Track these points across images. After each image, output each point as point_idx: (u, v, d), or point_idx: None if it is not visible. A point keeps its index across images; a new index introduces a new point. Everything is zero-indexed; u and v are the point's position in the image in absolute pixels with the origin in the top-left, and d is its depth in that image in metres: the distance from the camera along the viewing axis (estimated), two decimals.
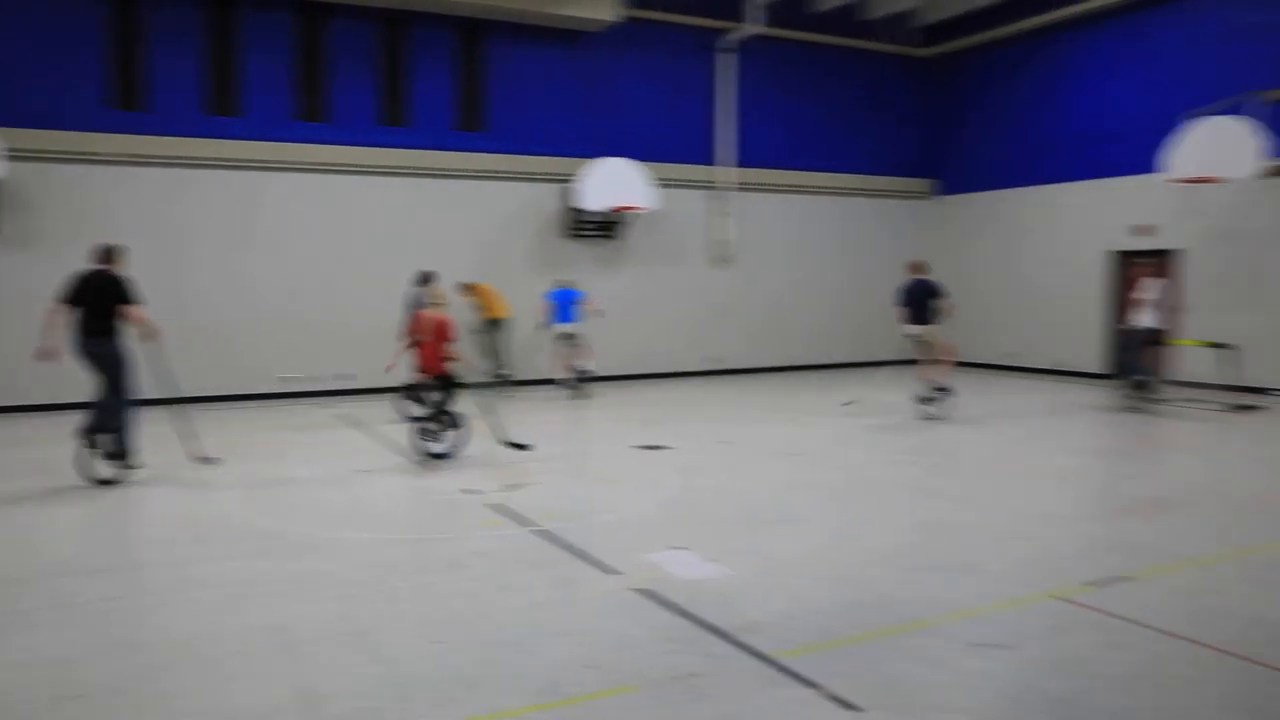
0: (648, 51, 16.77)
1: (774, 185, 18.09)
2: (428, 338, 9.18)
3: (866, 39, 18.80)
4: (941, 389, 12.01)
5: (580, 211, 15.86)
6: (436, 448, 9.22)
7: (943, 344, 12.14)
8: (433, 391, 9.33)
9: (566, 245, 16.20)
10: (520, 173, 15.79)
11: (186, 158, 13.57)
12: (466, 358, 9.75)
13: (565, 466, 9.23)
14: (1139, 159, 15.64)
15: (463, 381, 9.40)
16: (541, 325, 14.84)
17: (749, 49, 17.50)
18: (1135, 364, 12.92)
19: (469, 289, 14.58)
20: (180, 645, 4.69)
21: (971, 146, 19.14)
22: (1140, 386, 12.98)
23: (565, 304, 14.65)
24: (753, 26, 16.72)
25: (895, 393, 14.43)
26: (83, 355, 8.15)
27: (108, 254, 8.42)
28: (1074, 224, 17.15)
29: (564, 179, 15.96)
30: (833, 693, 4.10)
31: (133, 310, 8.21)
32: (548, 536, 6.65)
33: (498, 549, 6.36)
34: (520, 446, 9.50)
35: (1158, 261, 12.78)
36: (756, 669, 4.37)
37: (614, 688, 4.17)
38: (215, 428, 10.93)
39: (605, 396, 14.25)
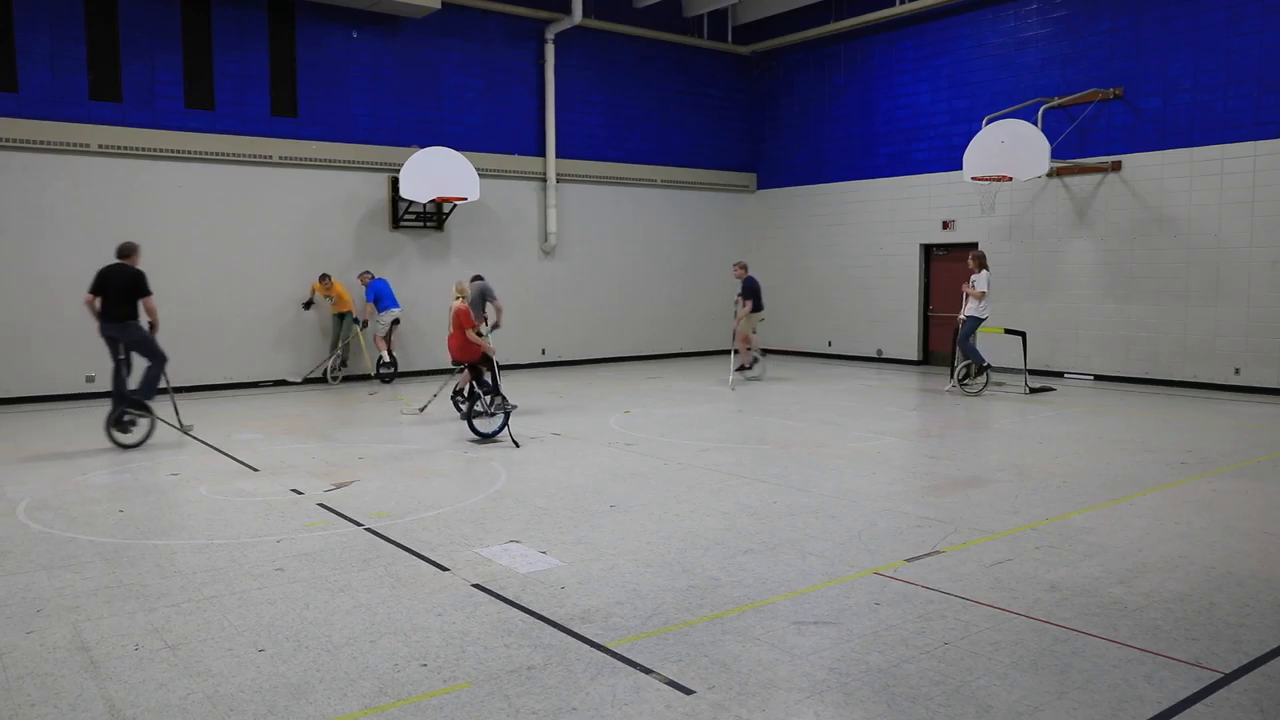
0: (470, 40, 16.51)
1: (598, 177, 18.20)
2: (452, 328, 10.28)
3: (687, 34, 19.16)
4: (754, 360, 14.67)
5: (402, 202, 15.48)
6: (486, 427, 10.07)
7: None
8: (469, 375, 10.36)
9: (389, 236, 15.78)
10: (339, 161, 15.24)
11: None
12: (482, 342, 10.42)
13: (393, 462, 8.99)
14: (942, 157, 16.65)
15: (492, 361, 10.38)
16: (367, 315, 14.67)
17: (573, 40, 17.51)
18: (967, 351, 13.68)
19: (327, 281, 14.59)
20: None
21: (790, 142, 19.84)
22: (973, 372, 13.77)
23: (388, 292, 14.65)
24: (575, 18, 16.72)
25: (717, 381, 14.85)
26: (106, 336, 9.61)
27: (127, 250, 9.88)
28: (885, 218, 18.06)
29: (385, 168, 15.54)
30: (667, 677, 4.16)
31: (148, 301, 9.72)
32: (376, 534, 6.46)
33: (323, 550, 6.13)
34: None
35: (975, 253, 13.62)
36: (591, 658, 4.38)
37: (449, 685, 4.09)
38: (19, 430, 10.05)
39: (432, 389, 13.99)
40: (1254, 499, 7.47)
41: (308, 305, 14.74)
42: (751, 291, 15.05)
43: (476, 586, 5.37)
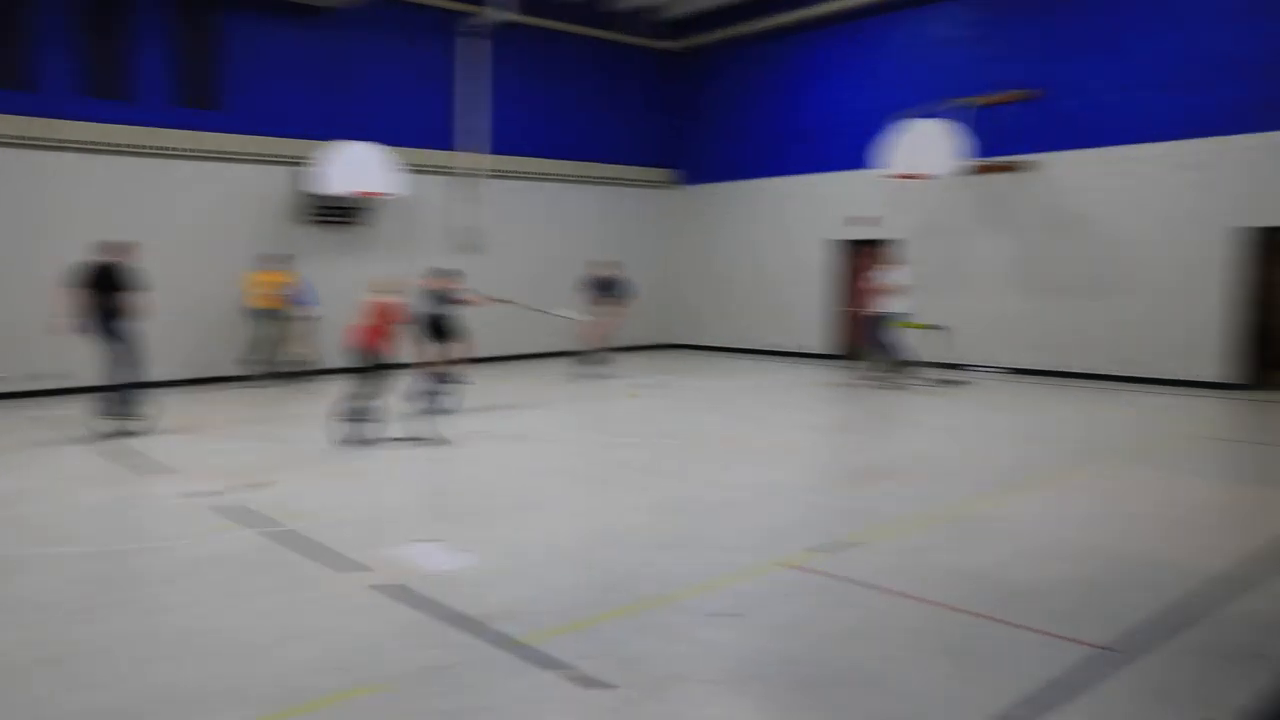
0: (394, 33, 16.27)
1: (522, 173, 18.10)
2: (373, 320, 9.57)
3: (613, 30, 19.17)
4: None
5: (322, 196, 15.19)
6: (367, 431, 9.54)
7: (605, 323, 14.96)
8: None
9: (307, 231, 15.47)
10: (256, 154, 14.88)
11: None
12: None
13: (305, 462, 8.83)
14: (860, 155, 16.92)
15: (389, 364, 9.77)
16: (288, 311, 14.38)
17: (498, 35, 17.38)
18: (883, 346, 13.93)
19: (265, 273, 14.31)
20: None
21: (713, 139, 19.98)
22: (891, 366, 14.03)
23: (309, 288, 14.46)
24: (497, 12, 16.59)
25: (652, 377, 14.90)
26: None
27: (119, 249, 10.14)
28: (802, 215, 18.30)
29: (304, 162, 15.22)
30: (580, 673, 4.18)
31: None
32: (287, 537, 6.34)
33: (229, 553, 5.99)
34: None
35: (891, 250, 13.92)
36: (506, 657, 4.37)
37: (362, 687, 4.05)
38: None
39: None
40: (1147, 485, 7.77)
41: (255, 301, 14.20)
42: (625, 289, 15.76)
43: (390, 588, 5.31)
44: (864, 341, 14.26)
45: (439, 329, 11.06)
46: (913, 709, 3.84)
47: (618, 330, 14.74)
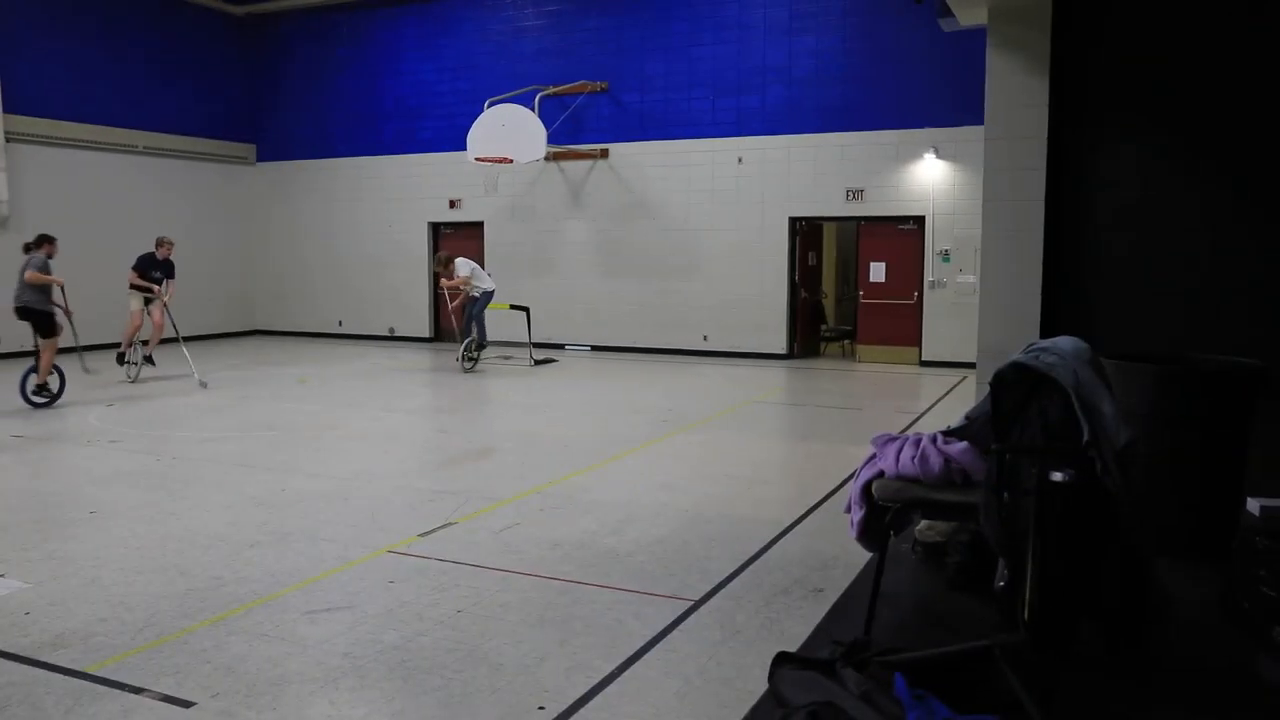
0: None
1: (63, 139, 15.92)
2: None
3: None
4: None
5: None
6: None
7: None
8: None
9: None
10: None
11: None
12: None
13: None
14: (448, 137, 16.94)
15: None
16: None
17: None
18: (472, 327, 13.98)
19: None
20: None
21: (292, 113, 18.93)
22: (477, 347, 14.11)
23: None
24: None
25: (234, 368, 13.85)
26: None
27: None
28: (394, 196, 17.99)
29: None
30: (162, 693, 3.79)
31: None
32: None
33: None
34: None
35: (441, 256, 14.06)
36: (65, 689, 3.85)
37: None
38: None
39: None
40: (720, 448, 8.64)
41: None
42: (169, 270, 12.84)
43: None
44: (458, 324, 14.33)
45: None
46: (510, 677, 3.94)
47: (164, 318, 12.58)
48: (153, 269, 12.58)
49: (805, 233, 15.50)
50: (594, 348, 16.41)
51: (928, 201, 14.22)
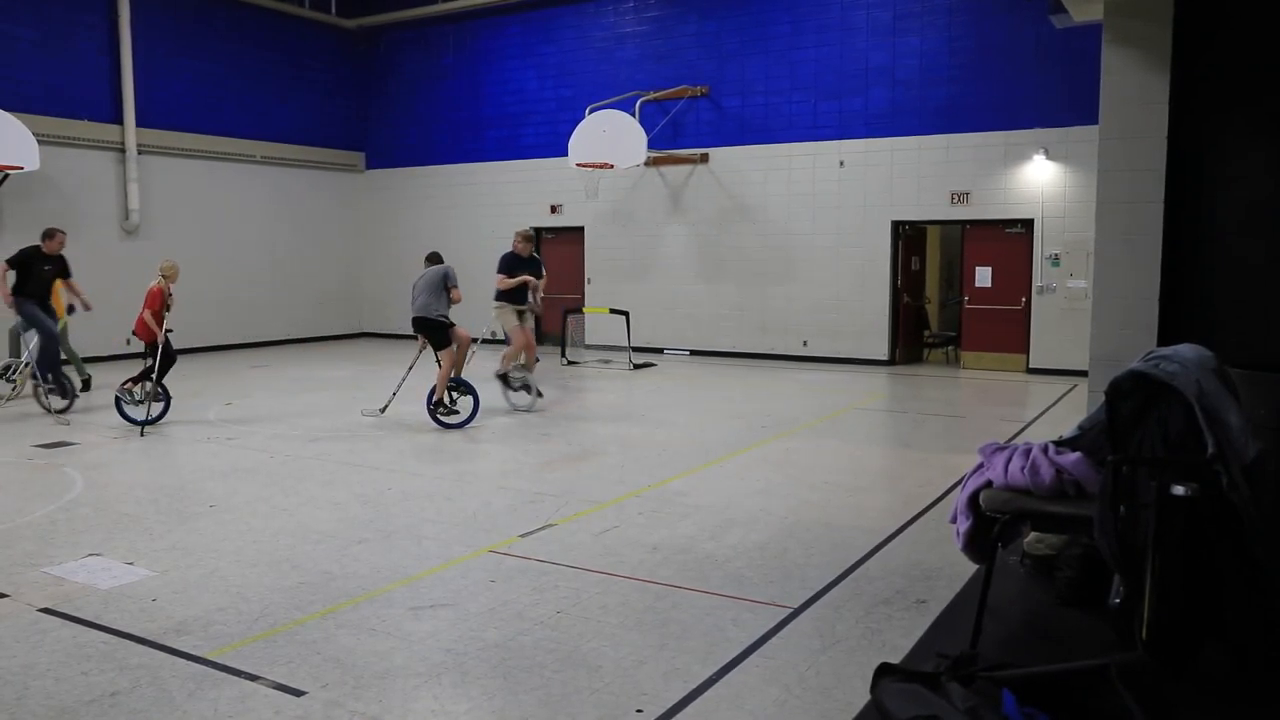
0: None
1: (189, 150, 16.68)
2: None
3: (285, 2, 18.08)
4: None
5: None
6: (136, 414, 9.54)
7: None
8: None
9: None
10: None
11: None
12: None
13: None
14: (549, 143, 17.16)
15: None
16: None
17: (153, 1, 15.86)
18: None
19: None
20: None
21: (399, 122, 19.44)
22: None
23: None
24: None
25: (342, 368, 14.28)
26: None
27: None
28: (493, 201, 18.28)
29: None
30: (275, 681, 3.94)
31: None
32: None
33: None
34: None
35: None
36: (188, 673, 4.03)
37: None
38: None
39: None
40: (819, 454, 8.54)
41: None
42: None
43: (45, 611, 4.72)
44: (557, 328, 14.51)
45: None
46: (609, 679, 3.96)
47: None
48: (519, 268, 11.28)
49: (908, 237, 15.21)
50: (693, 352, 16.40)
51: (1037, 204, 13.80)
